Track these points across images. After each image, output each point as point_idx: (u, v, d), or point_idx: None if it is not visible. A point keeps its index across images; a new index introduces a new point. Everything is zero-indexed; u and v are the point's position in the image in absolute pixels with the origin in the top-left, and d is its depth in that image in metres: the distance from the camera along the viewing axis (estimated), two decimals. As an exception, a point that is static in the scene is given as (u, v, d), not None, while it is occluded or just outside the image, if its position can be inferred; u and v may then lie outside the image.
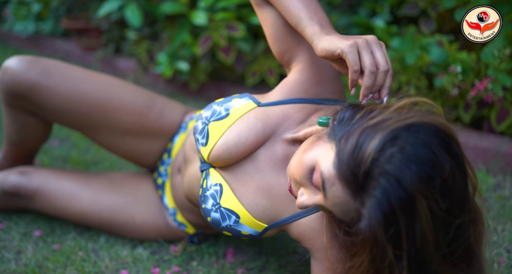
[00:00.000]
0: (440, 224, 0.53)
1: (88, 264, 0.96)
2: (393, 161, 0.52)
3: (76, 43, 2.50)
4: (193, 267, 0.99)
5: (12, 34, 2.81)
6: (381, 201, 0.51)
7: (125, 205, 1.00)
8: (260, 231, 0.79)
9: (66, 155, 1.40)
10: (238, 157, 0.78)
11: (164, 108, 1.02)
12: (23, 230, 1.04)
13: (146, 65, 2.04)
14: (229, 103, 0.80)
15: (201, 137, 0.79)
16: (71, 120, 0.98)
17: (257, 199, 0.77)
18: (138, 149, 1.02)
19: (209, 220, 0.78)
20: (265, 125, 0.78)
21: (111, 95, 0.97)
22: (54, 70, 0.94)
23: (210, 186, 0.79)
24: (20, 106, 0.96)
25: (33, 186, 0.98)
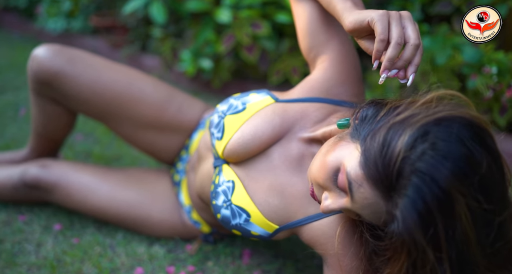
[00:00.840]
0: (481, 223, 0.49)
1: (105, 259, 0.96)
2: (425, 158, 0.49)
3: (104, 40, 2.55)
4: (208, 267, 0.97)
5: (44, 31, 2.88)
6: (415, 200, 0.48)
7: (142, 201, 1.00)
8: (270, 232, 0.76)
9: (89, 150, 1.42)
10: (253, 152, 0.76)
11: (184, 104, 1.02)
12: (44, 223, 1.06)
13: (170, 63, 2.05)
14: (246, 98, 0.79)
15: (217, 131, 0.78)
16: (93, 110, 0.99)
17: (270, 198, 0.75)
18: (157, 143, 1.02)
19: (219, 217, 0.77)
20: (283, 120, 0.76)
21: (132, 87, 0.98)
22: (79, 60, 0.96)
23: (223, 182, 0.77)
24: (46, 94, 0.98)
25: (52, 179, 0.99)
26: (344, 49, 0.80)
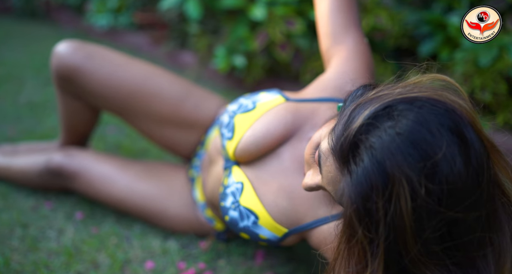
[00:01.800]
0: (426, 214, 0.45)
1: (120, 250, 0.98)
2: (379, 133, 0.46)
3: (146, 36, 2.62)
4: (219, 266, 0.97)
5: (92, 27, 3.02)
6: (359, 177, 0.46)
7: (159, 195, 1.01)
8: (279, 236, 0.74)
9: (119, 142, 1.46)
10: (265, 149, 0.75)
11: (201, 100, 1.02)
12: (67, 211, 1.10)
13: (206, 59, 2.06)
14: (256, 97, 0.78)
15: (227, 131, 0.77)
16: (110, 106, 1.01)
17: (278, 200, 0.73)
18: (173, 139, 1.03)
19: (227, 219, 0.75)
20: (295, 117, 0.75)
21: (149, 83, 0.98)
22: (97, 55, 0.98)
23: (232, 183, 0.76)
24: (68, 90, 1.02)
25: (74, 167, 1.03)
26: (358, 47, 0.78)
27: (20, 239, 0.99)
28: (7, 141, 1.43)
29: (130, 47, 2.75)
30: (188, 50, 2.35)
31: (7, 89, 1.92)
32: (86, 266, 0.92)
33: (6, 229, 1.02)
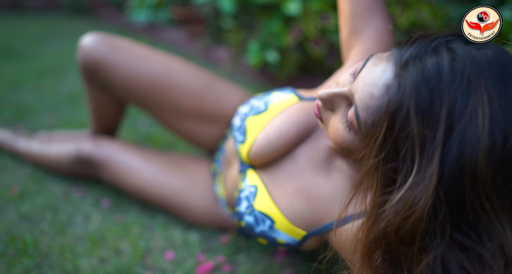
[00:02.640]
0: (501, 140, 0.42)
1: (142, 239, 0.99)
2: (464, 46, 0.45)
3: (183, 32, 2.66)
4: (239, 260, 0.96)
5: (132, 23, 3.10)
6: (430, 70, 0.44)
7: (182, 188, 1.01)
8: (298, 240, 0.70)
9: (150, 134, 1.49)
10: (278, 152, 0.71)
11: (223, 93, 1.01)
12: (95, 198, 1.13)
13: (239, 55, 2.06)
14: (269, 97, 0.75)
15: (239, 134, 0.75)
16: (133, 98, 1.02)
17: (295, 202, 0.69)
18: (196, 131, 1.03)
19: (243, 225, 0.73)
20: (309, 118, 0.71)
21: (171, 76, 0.98)
22: (120, 48, 0.99)
23: (246, 187, 0.74)
24: (93, 82, 1.04)
25: (102, 156, 1.05)
26: (380, 36, 0.73)
27: (49, 222, 1.03)
28: (46, 128, 1.49)
29: (167, 42, 2.80)
30: (222, 45, 2.35)
31: (49, 81, 2.01)
32: (109, 253, 0.94)
33: (38, 212, 1.06)
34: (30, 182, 1.18)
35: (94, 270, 0.89)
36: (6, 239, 0.95)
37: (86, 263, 0.90)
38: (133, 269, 0.90)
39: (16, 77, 2.02)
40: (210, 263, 0.92)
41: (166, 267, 0.92)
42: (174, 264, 0.92)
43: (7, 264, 0.88)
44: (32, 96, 1.81)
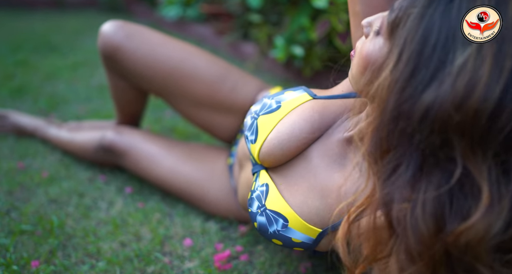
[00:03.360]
0: None
1: (161, 226, 1.01)
2: None
3: (211, 27, 2.68)
4: (256, 251, 0.96)
5: (163, 19, 3.16)
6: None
7: (200, 179, 1.02)
8: (314, 238, 0.68)
9: (174, 125, 1.51)
10: (291, 153, 0.69)
11: (238, 83, 1.00)
12: (119, 185, 1.16)
13: (266, 49, 2.06)
14: (281, 96, 0.72)
15: (250, 133, 0.72)
16: (149, 86, 1.03)
17: (309, 200, 0.67)
18: (212, 122, 1.03)
19: (256, 226, 0.70)
20: (322, 116, 0.68)
21: (185, 64, 0.98)
22: (137, 35, 1.00)
23: (257, 187, 0.72)
24: (113, 69, 1.05)
25: (124, 145, 1.07)
26: None
27: (75, 206, 1.07)
28: (77, 118, 1.55)
29: (196, 38, 2.84)
30: (249, 41, 2.36)
31: (83, 73, 2.09)
32: (129, 238, 0.97)
33: (65, 196, 1.10)
34: (59, 167, 1.23)
35: (114, 253, 0.91)
36: (35, 220, 1.00)
37: (107, 246, 0.93)
38: (152, 254, 0.92)
39: (53, 70, 2.11)
40: (227, 252, 0.93)
41: (184, 254, 0.93)
42: (192, 251, 0.94)
43: (35, 243, 0.93)
44: (65, 87, 1.89)
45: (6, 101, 1.68)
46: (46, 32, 2.96)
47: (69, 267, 0.86)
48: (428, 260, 0.46)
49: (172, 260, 0.91)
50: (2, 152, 1.30)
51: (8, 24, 3.14)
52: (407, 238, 0.47)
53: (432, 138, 0.44)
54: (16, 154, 1.30)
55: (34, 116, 1.44)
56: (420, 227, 0.45)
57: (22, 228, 0.96)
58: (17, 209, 1.04)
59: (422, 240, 0.46)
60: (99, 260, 0.89)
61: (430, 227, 0.45)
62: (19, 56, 2.29)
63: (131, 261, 0.89)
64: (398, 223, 0.48)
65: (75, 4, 4.10)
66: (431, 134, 0.44)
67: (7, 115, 1.39)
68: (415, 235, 0.46)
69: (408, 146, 0.47)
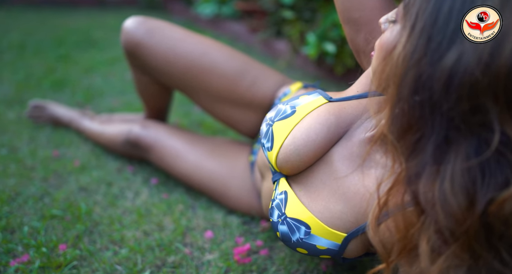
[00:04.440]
0: None
1: (184, 218, 1.03)
2: None
3: (244, 25, 2.69)
4: (277, 246, 0.95)
5: (198, 16, 3.21)
6: None
7: (222, 175, 1.02)
8: (339, 243, 0.65)
9: (202, 120, 1.53)
10: (309, 158, 0.66)
11: (258, 77, 0.98)
12: (145, 176, 1.19)
13: (298, 46, 2.04)
14: (295, 101, 0.70)
15: (266, 141, 0.69)
16: (170, 81, 1.03)
17: (331, 204, 0.64)
18: (233, 117, 1.02)
19: (279, 236, 0.68)
20: (339, 119, 0.66)
21: (205, 58, 0.98)
22: (158, 30, 1.00)
23: (276, 195, 0.70)
24: (135, 64, 1.07)
25: (149, 140, 1.09)
26: None
27: (103, 194, 1.10)
28: (110, 111, 1.60)
29: (229, 35, 2.86)
30: (282, 38, 2.35)
31: (118, 68, 2.15)
32: (152, 227, 0.98)
33: (94, 185, 1.14)
34: (90, 157, 1.28)
35: (137, 241, 0.93)
36: (65, 206, 1.04)
37: (131, 234, 0.95)
38: (173, 244, 0.93)
39: (91, 64, 2.19)
40: (247, 246, 0.93)
41: (204, 245, 0.94)
42: (212, 244, 0.94)
43: (64, 228, 0.96)
44: (102, 81, 1.95)
45: (47, 93, 1.77)
46: (88, 29, 3.08)
47: (93, 253, 0.89)
48: (462, 238, 0.44)
49: (192, 251, 0.92)
50: (39, 140, 1.37)
51: (52, 21, 3.30)
52: (437, 215, 0.45)
53: (462, 105, 0.42)
54: (52, 143, 1.35)
55: (71, 108, 1.50)
56: (450, 202, 0.43)
57: (53, 213, 1.01)
58: (50, 194, 1.09)
59: (453, 216, 0.43)
60: (122, 247, 0.92)
61: (461, 201, 0.43)
62: (61, 51, 2.40)
63: (153, 250, 0.91)
64: (426, 200, 0.46)
65: (116, 3, 4.24)
66: (459, 101, 0.42)
67: (45, 106, 1.46)
68: (444, 211, 0.44)
69: (431, 118, 0.45)
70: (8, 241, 0.90)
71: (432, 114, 0.45)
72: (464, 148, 0.43)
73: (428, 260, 0.46)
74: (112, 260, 0.87)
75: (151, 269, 0.86)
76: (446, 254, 0.45)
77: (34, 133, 1.41)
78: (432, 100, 0.44)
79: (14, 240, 0.91)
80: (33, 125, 1.46)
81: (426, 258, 0.47)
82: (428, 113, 0.45)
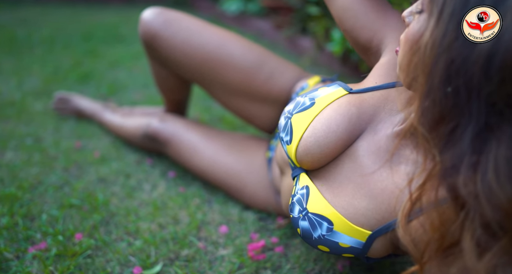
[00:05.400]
0: None
1: (200, 212, 1.02)
2: None
3: (269, 22, 2.67)
4: (292, 244, 0.93)
5: (224, 13, 3.21)
6: None
7: (239, 171, 1.00)
8: (364, 241, 0.61)
9: (223, 115, 1.52)
10: (330, 150, 0.64)
11: (275, 71, 0.96)
12: (163, 169, 1.19)
13: (323, 43, 2.00)
14: (314, 93, 0.67)
15: (285, 134, 0.67)
16: (187, 73, 1.02)
17: (356, 201, 0.61)
18: (250, 111, 1.00)
19: (300, 232, 0.65)
20: (360, 110, 0.63)
21: (222, 50, 0.96)
22: (175, 22, 0.99)
23: (297, 191, 0.67)
24: (153, 56, 1.06)
25: (167, 134, 1.08)
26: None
27: (121, 186, 1.11)
28: (132, 104, 1.61)
29: (255, 32, 2.85)
30: (307, 35, 2.32)
31: (143, 62, 2.18)
32: (167, 220, 0.98)
33: (113, 176, 1.15)
34: (111, 148, 1.29)
35: (152, 233, 0.93)
36: (83, 196, 1.05)
37: (146, 226, 0.95)
38: (187, 238, 0.92)
39: (116, 58, 2.23)
40: (262, 242, 0.91)
41: (219, 240, 0.93)
42: (227, 239, 0.93)
43: (81, 217, 0.97)
44: (126, 75, 1.98)
45: (73, 85, 1.80)
46: (116, 25, 3.13)
47: (108, 243, 0.89)
48: (510, 229, 0.41)
49: (206, 245, 0.91)
50: (63, 131, 1.39)
51: (83, 18, 3.38)
52: (482, 208, 0.42)
53: (505, 88, 0.40)
54: (75, 134, 1.38)
55: (94, 101, 1.52)
56: (496, 193, 0.41)
57: (71, 202, 1.02)
58: (70, 184, 1.10)
59: (502, 208, 0.41)
60: (136, 238, 0.92)
61: (509, 190, 0.40)
62: (89, 46, 2.45)
63: (167, 243, 0.90)
64: (468, 194, 0.43)
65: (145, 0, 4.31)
66: (502, 84, 0.40)
67: (70, 98, 1.49)
68: (491, 203, 0.41)
69: (467, 106, 0.42)
70: (27, 228, 0.92)
71: (469, 102, 0.42)
72: (508, 134, 0.41)
73: (474, 257, 0.43)
74: (126, 251, 0.87)
75: (164, 261, 0.85)
76: (494, 249, 0.43)
77: (59, 125, 1.44)
78: (469, 86, 0.41)
79: (34, 228, 0.93)
80: (58, 117, 1.49)
81: (472, 254, 0.44)
82: (465, 100, 0.42)
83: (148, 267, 0.83)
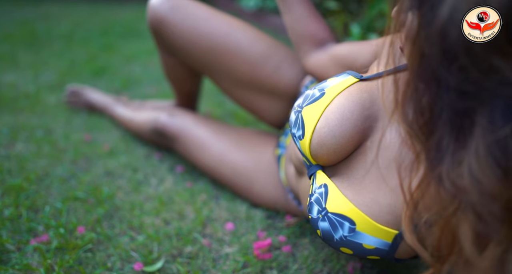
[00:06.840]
0: None
1: (206, 208, 0.98)
2: None
3: (288, 17, 2.63)
4: (301, 243, 0.88)
5: (242, 9, 3.18)
6: None
7: (247, 169, 0.96)
8: (390, 242, 0.56)
9: (235, 111, 1.48)
10: (345, 140, 0.59)
11: (283, 62, 0.91)
12: (171, 164, 1.16)
13: (341, 38, 1.95)
14: (324, 84, 0.63)
15: (297, 129, 0.62)
16: (193, 62, 0.99)
17: (380, 197, 0.56)
18: (256, 103, 0.96)
19: (320, 234, 0.60)
20: (373, 96, 0.59)
21: (229, 39, 0.92)
22: (182, 8, 0.96)
23: (315, 190, 0.62)
24: (161, 43, 1.03)
25: (175, 129, 1.05)
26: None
27: (127, 180, 1.09)
28: (145, 98, 1.60)
29: (272, 28, 2.81)
30: (326, 30, 2.26)
31: (157, 57, 2.16)
32: (173, 216, 0.95)
33: (120, 169, 1.13)
34: (120, 142, 1.27)
35: (156, 229, 0.90)
36: (89, 189, 1.03)
37: (150, 221, 0.92)
38: (192, 234, 0.89)
39: (132, 53, 2.22)
40: (268, 240, 0.87)
41: (224, 238, 0.89)
42: (232, 236, 0.89)
43: (86, 210, 0.95)
44: (140, 69, 1.97)
45: (87, 79, 1.80)
46: (133, 21, 3.15)
47: (111, 237, 0.87)
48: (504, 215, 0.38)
49: (211, 242, 0.87)
50: (74, 124, 1.39)
51: (102, 14, 3.41)
52: (470, 197, 0.39)
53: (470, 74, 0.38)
54: (86, 127, 1.37)
55: (106, 94, 1.51)
56: (479, 179, 0.38)
57: (76, 195, 1.00)
58: (77, 177, 1.09)
59: (487, 193, 0.38)
60: (139, 233, 0.89)
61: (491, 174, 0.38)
62: (106, 41, 2.46)
63: (170, 239, 0.87)
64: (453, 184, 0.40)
65: (164, -3, 4.33)
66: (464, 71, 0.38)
67: (82, 92, 1.48)
68: (476, 190, 0.38)
69: (437, 96, 0.40)
70: (31, 220, 0.91)
71: (438, 92, 0.40)
72: (487, 115, 0.38)
73: (472, 249, 0.40)
74: (128, 246, 0.85)
75: (166, 258, 0.82)
76: (496, 239, 0.39)
77: (70, 118, 1.43)
78: (434, 76, 0.39)
79: (37, 219, 0.91)
80: (70, 110, 1.49)
81: (470, 247, 0.40)
82: (434, 92, 0.40)
83: (149, 263, 0.81)
